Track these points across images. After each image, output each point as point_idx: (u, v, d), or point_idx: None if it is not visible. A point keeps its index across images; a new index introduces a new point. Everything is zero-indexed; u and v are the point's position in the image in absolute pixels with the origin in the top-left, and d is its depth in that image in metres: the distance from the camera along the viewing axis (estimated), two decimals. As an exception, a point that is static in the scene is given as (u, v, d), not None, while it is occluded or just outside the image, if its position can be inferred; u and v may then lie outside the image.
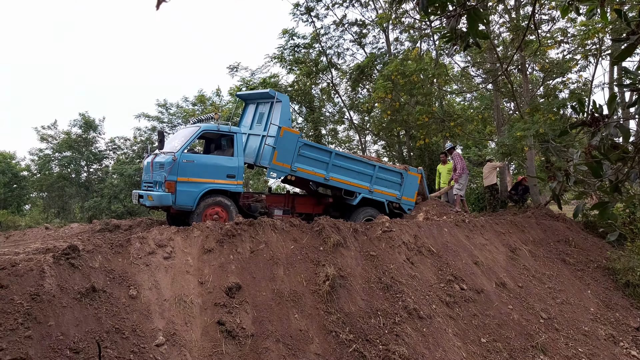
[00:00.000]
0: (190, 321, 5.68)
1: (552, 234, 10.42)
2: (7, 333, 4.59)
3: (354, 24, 17.94)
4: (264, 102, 9.93)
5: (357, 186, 9.76)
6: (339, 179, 9.59)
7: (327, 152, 9.64)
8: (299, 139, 9.20)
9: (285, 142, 8.99)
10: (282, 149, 8.96)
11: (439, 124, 15.18)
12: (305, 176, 9.30)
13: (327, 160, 9.48)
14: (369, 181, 9.91)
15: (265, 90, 10.22)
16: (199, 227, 7.01)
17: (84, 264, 5.56)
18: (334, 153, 9.70)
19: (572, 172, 2.88)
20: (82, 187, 26.07)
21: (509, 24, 13.46)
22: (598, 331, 7.99)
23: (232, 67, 19.74)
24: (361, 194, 9.80)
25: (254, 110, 10.28)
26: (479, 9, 3.09)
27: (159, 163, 8.58)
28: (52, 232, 9.56)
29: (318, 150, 9.53)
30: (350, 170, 9.74)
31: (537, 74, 16.27)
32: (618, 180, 2.68)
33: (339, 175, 9.59)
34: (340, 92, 19.59)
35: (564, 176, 2.91)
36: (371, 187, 9.90)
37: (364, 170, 9.90)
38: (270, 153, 8.93)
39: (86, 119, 25.02)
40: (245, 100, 10.87)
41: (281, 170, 9.03)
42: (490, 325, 7.25)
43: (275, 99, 9.27)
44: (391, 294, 6.95)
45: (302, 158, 9.23)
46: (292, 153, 9.04)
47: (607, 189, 2.73)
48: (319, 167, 9.39)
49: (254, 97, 10.47)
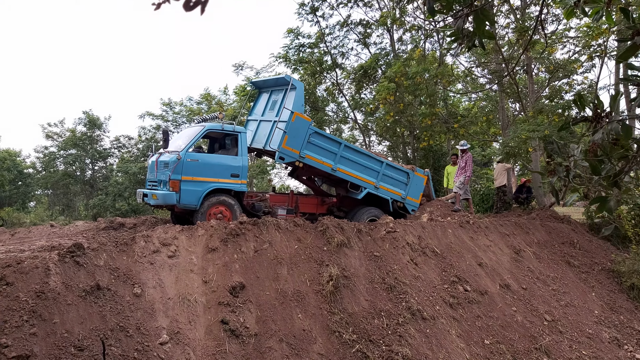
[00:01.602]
0: (194, 320, 5.69)
1: (557, 236, 10.38)
2: (12, 330, 4.61)
3: (358, 24, 17.94)
4: (278, 90, 9.95)
5: (363, 180, 9.75)
6: (346, 171, 9.58)
7: (336, 143, 9.62)
8: (310, 126, 9.19)
9: (297, 127, 8.98)
10: (292, 134, 8.94)
11: (442, 125, 15.16)
12: (313, 164, 9.28)
13: (336, 151, 9.48)
14: (375, 177, 9.89)
15: (280, 75, 10.21)
16: (203, 226, 7.03)
17: (88, 262, 5.59)
18: (343, 144, 9.68)
19: (572, 167, 2.87)
20: (87, 184, 26.20)
21: (515, 24, 13.42)
22: (602, 334, 7.96)
23: (237, 66, 19.80)
24: (367, 189, 9.77)
25: (267, 98, 10.32)
26: (487, 10, 3.09)
27: (164, 162, 8.60)
28: (57, 230, 9.60)
29: (328, 140, 9.53)
30: (357, 164, 9.74)
31: (542, 75, 16.22)
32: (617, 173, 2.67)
33: (346, 168, 9.58)
34: (344, 92, 19.59)
35: (564, 171, 2.89)
36: (377, 183, 9.88)
37: (371, 166, 9.90)
38: (281, 137, 8.92)
39: (90, 117, 25.13)
40: (260, 89, 10.91)
41: (290, 155, 8.99)
42: (494, 327, 7.23)
43: (290, 85, 9.28)
44: (395, 294, 6.95)
45: (311, 146, 9.22)
46: (302, 139, 9.04)
47: (606, 183, 2.72)
48: (327, 157, 9.39)
49: (268, 84, 10.49)
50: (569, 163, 2.86)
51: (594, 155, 2.63)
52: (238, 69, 20.05)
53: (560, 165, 2.92)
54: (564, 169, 2.89)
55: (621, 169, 2.67)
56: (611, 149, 2.60)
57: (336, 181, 10.47)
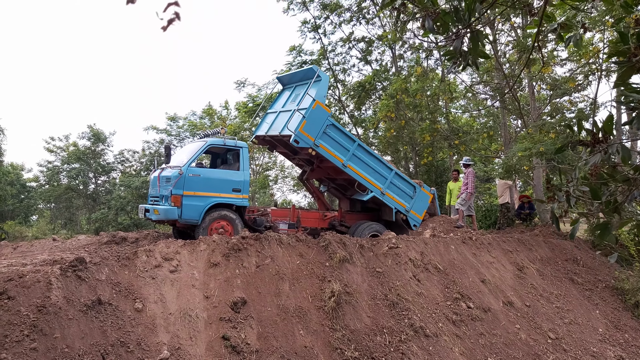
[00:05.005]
0: (195, 335, 5.66)
1: (560, 253, 10.32)
2: (12, 345, 4.59)
3: (361, 40, 18.13)
4: (303, 85, 10.08)
5: (371, 183, 9.77)
6: (356, 170, 9.62)
7: (351, 140, 9.68)
8: (328, 117, 9.30)
9: (316, 115, 9.10)
10: (311, 120, 9.05)
11: (444, 141, 15.21)
12: (325, 155, 9.32)
13: (350, 147, 9.54)
14: (383, 183, 9.92)
15: (309, 67, 10.36)
16: (205, 241, 7.02)
17: (90, 276, 5.58)
18: (357, 143, 9.74)
19: (572, 192, 2.83)
20: (90, 198, 26.23)
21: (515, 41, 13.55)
22: (607, 352, 7.86)
23: (239, 83, 19.98)
24: (373, 193, 9.77)
25: (290, 93, 10.48)
26: (481, 31, 3.15)
27: (166, 177, 8.63)
28: (59, 244, 9.59)
29: (343, 135, 9.59)
30: (368, 165, 9.79)
31: (544, 92, 16.32)
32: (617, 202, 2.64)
33: (356, 166, 9.63)
34: (346, 107, 19.71)
35: (565, 197, 2.86)
36: (384, 189, 9.90)
37: (381, 171, 9.94)
38: (299, 121, 9.02)
39: (95, 131, 25.27)
40: (284, 85, 11.06)
41: (305, 141, 9.04)
42: (497, 345, 7.16)
43: (316, 75, 9.42)
44: (397, 311, 6.90)
45: (326, 137, 9.30)
46: (319, 128, 9.13)
47: (607, 210, 2.69)
48: (340, 152, 9.45)
49: (294, 79, 10.63)
50: (569, 188, 2.83)
51: (596, 178, 2.61)
52: (240, 86, 20.26)
53: (560, 190, 2.90)
54: (563, 194, 2.86)
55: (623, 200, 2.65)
56: (613, 171, 2.59)
57: (342, 186, 10.48)
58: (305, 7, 17.23)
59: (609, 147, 2.62)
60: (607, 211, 2.66)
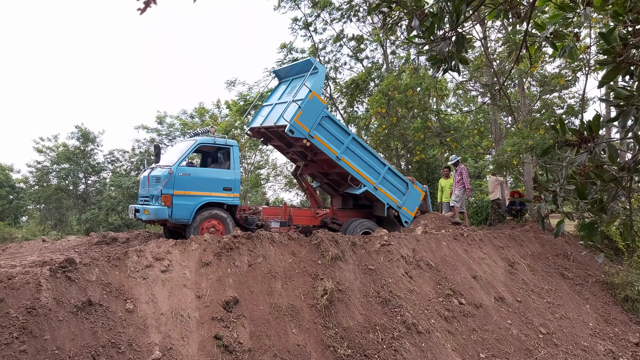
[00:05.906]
0: (187, 335, 5.63)
1: (551, 248, 10.41)
2: (1, 347, 4.54)
3: (352, 38, 18.11)
4: (299, 77, 10.07)
5: (364, 177, 9.79)
6: (350, 163, 9.63)
7: (345, 133, 9.69)
8: (324, 109, 9.31)
9: (312, 106, 9.11)
10: (306, 111, 9.06)
11: (435, 138, 15.25)
12: (320, 146, 9.33)
13: (344, 140, 9.55)
14: (376, 177, 9.95)
15: (306, 59, 10.34)
16: (196, 240, 6.98)
17: (80, 277, 5.53)
18: (352, 136, 9.76)
19: (559, 192, 2.82)
20: (80, 199, 26.01)
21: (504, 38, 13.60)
22: (597, 346, 7.95)
23: (229, 82, 19.93)
24: (366, 187, 9.79)
25: (286, 86, 10.48)
26: (465, 35, 3.16)
27: (155, 177, 8.58)
28: (49, 245, 9.51)
29: (338, 128, 9.60)
30: (362, 159, 9.80)
31: (534, 89, 16.42)
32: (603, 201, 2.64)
33: (350, 160, 9.64)
34: (337, 105, 19.70)
35: (552, 197, 2.85)
36: (377, 184, 9.92)
37: (375, 166, 9.97)
38: (295, 111, 9.04)
39: (83, 131, 25.03)
40: (280, 79, 11.04)
41: (300, 131, 9.04)
42: (489, 340, 7.20)
43: (313, 67, 9.42)
44: (390, 308, 6.92)
45: (321, 129, 9.31)
46: (314, 119, 9.15)
47: (594, 209, 2.69)
48: (334, 144, 9.46)
49: (291, 72, 10.62)
50: (556, 188, 2.81)
51: (584, 177, 2.60)
52: (230, 85, 20.23)
53: (547, 190, 2.89)
54: (550, 194, 2.85)
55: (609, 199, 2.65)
56: (601, 171, 2.58)
57: (335, 181, 10.49)
58: (296, 4, 17.18)
59: (596, 146, 2.62)
60: (594, 210, 2.66)
